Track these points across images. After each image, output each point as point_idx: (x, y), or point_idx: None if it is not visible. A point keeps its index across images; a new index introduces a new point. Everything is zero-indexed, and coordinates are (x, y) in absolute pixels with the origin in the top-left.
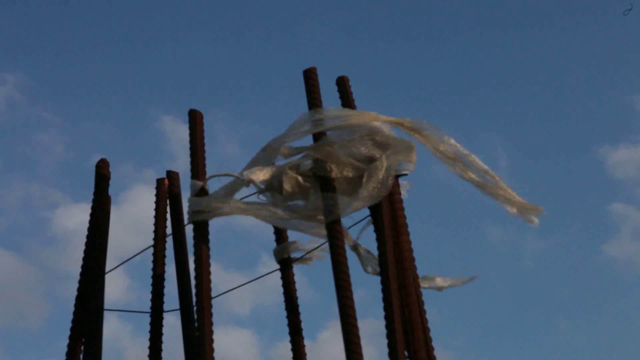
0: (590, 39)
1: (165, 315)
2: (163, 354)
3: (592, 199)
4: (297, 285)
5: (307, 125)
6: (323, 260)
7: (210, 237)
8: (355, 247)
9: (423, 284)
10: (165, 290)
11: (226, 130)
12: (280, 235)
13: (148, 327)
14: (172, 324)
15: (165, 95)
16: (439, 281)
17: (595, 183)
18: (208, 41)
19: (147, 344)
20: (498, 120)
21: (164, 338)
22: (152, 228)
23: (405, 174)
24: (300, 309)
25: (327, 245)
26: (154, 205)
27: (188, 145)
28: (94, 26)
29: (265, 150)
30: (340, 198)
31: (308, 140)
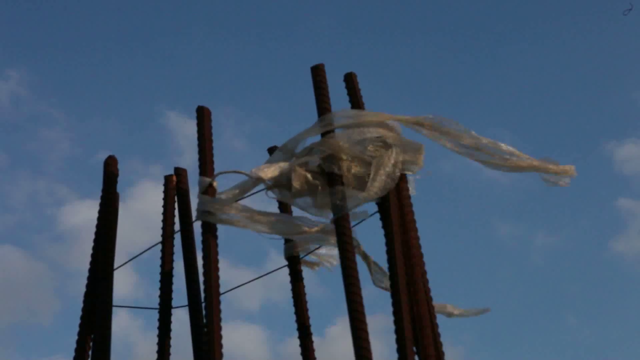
0: (597, 37)
1: (174, 310)
2: (172, 349)
3: (600, 194)
4: (305, 281)
5: (321, 126)
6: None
7: (219, 232)
8: (365, 257)
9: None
10: (174, 287)
11: (233, 126)
12: None
13: (157, 323)
14: (181, 319)
15: (170, 91)
16: (450, 308)
17: (603, 179)
18: (213, 37)
19: (157, 339)
20: (506, 116)
21: (172, 334)
22: (160, 223)
23: (411, 173)
24: (309, 305)
25: (335, 250)
26: (161, 201)
27: (194, 141)
28: (98, 22)
29: (281, 150)
30: (348, 192)
31: (317, 139)
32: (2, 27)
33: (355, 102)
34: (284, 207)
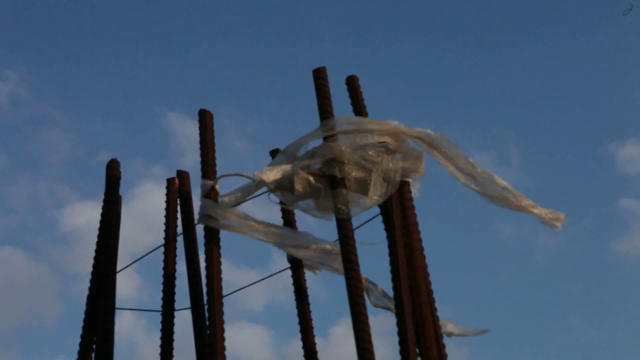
0: (597, 37)
1: (177, 312)
2: (175, 351)
3: (602, 195)
4: (308, 283)
5: (323, 130)
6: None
7: (222, 234)
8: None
9: None
10: (177, 288)
11: (234, 127)
12: None
13: (160, 325)
14: (184, 320)
15: (171, 92)
16: (450, 327)
17: (605, 179)
18: (215, 38)
19: (160, 340)
20: (510, 116)
21: (175, 335)
22: (161, 224)
23: (412, 180)
24: (312, 306)
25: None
26: (163, 203)
27: (195, 141)
28: (98, 23)
29: (284, 153)
30: (350, 195)
31: (319, 142)
32: (1, 28)
33: (357, 105)
34: (286, 211)
